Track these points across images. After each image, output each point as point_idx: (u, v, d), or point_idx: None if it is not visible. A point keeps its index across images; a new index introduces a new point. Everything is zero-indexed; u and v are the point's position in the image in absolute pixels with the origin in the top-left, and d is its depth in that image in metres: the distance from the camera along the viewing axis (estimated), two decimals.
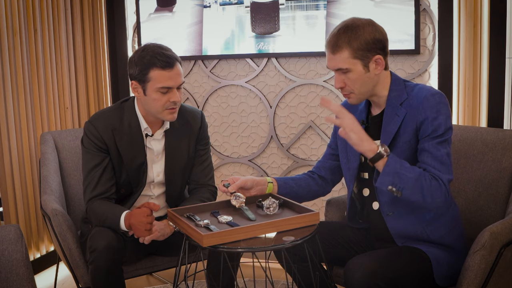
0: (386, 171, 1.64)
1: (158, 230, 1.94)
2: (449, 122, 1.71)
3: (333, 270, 2.03)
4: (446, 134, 1.70)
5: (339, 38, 1.70)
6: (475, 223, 2.05)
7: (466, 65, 2.62)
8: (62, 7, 3.06)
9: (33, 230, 2.93)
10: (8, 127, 2.75)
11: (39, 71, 2.92)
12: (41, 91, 2.93)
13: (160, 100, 1.95)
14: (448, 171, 1.68)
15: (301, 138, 3.06)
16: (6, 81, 2.72)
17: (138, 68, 1.94)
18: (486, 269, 1.66)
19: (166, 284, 2.82)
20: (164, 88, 1.93)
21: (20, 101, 2.81)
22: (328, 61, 1.76)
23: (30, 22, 2.85)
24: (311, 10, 2.90)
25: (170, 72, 1.93)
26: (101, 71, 3.36)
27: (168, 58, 1.93)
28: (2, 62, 2.70)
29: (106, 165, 2.03)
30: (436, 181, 1.66)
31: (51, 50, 3.00)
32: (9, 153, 2.77)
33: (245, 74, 3.13)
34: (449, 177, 1.68)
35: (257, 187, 1.91)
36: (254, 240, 1.62)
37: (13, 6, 2.73)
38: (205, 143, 2.20)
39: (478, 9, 2.55)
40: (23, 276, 1.67)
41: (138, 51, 1.98)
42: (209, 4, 3.10)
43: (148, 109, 2.01)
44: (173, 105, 1.97)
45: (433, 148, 1.68)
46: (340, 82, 1.75)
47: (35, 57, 2.89)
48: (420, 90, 1.75)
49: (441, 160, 1.68)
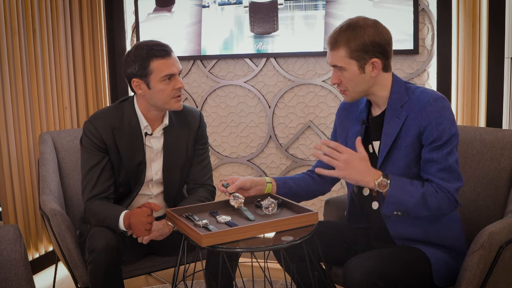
0: (390, 201, 1.68)
1: (157, 230, 1.95)
2: (454, 127, 1.70)
3: (332, 270, 2.03)
4: (452, 141, 1.69)
5: (339, 36, 1.72)
6: (474, 223, 2.05)
7: (465, 65, 2.62)
8: (61, 8, 3.06)
9: (32, 230, 2.92)
10: (7, 127, 2.75)
11: (38, 71, 2.91)
12: (40, 91, 2.93)
13: (166, 89, 1.98)
14: (457, 178, 1.70)
15: (300, 138, 3.06)
16: (5, 81, 2.72)
17: (137, 64, 1.96)
18: (485, 269, 1.66)
19: (165, 284, 2.82)
20: (167, 75, 1.97)
21: (19, 101, 2.80)
22: (327, 56, 1.79)
23: (29, 23, 2.85)
24: (309, 10, 2.90)
25: (169, 59, 1.98)
26: (99, 71, 3.36)
27: (164, 47, 1.99)
28: (1, 63, 2.70)
29: (104, 165, 2.03)
30: (443, 193, 1.68)
31: (50, 50, 3.00)
32: (7, 153, 2.77)
33: (244, 74, 3.13)
34: (458, 185, 1.70)
35: (256, 187, 1.91)
36: (253, 240, 1.62)
37: (12, 7, 2.73)
38: (204, 142, 2.21)
39: (477, 9, 2.55)
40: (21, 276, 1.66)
41: (131, 50, 2.01)
42: (208, 4, 3.10)
43: (154, 102, 2.02)
44: (179, 92, 2.02)
45: (442, 159, 1.68)
46: (335, 79, 1.78)
47: (34, 57, 2.89)
48: (422, 93, 1.74)
49: (450, 169, 1.69)
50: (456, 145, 1.72)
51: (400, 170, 1.74)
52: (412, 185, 1.69)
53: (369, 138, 1.85)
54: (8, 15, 2.71)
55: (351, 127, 1.90)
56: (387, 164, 1.76)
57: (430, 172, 1.70)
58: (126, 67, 2.00)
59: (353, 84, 1.75)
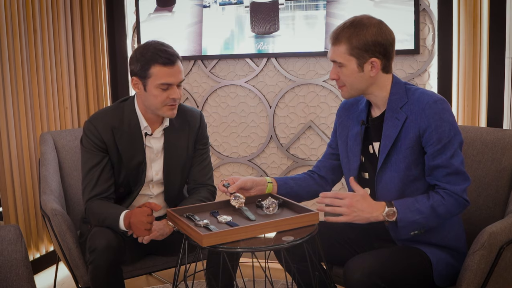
0: (403, 226, 1.70)
1: (157, 230, 1.94)
2: (454, 129, 1.70)
3: (333, 270, 2.03)
4: (453, 143, 1.69)
5: (342, 31, 1.73)
6: (475, 223, 2.05)
7: (465, 65, 2.62)
8: (62, 8, 3.06)
9: (32, 230, 2.93)
10: (8, 127, 2.75)
11: (38, 71, 2.92)
12: (40, 91, 2.93)
13: (160, 96, 1.96)
14: (464, 179, 1.71)
15: (301, 138, 3.06)
16: (6, 81, 2.72)
17: (139, 64, 1.96)
18: (486, 269, 1.66)
19: (165, 284, 2.82)
20: (165, 84, 1.95)
21: (20, 101, 2.81)
22: (328, 51, 1.80)
23: (29, 23, 2.85)
24: (310, 10, 2.90)
25: (171, 69, 1.95)
26: (100, 71, 3.36)
27: (170, 55, 1.95)
28: (2, 63, 2.70)
29: (105, 165, 2.03)
30: (450, 197, 1.69)
31: (51, 50, 3.00)
32: (8, 153, 2.77)
33: (244, 74, 3.13)
34: (466, 185, 1.71)
35: (257, 187, 1.91)
36: (254, 240, 1.62)
37: (12, 7, 2.73)
38: (204, 142, 2.21)
39: (477, 9, 2.55)
40: (22, 276, 1.66)
41: (139, 47, 1.99)
42: (209, 4, 3.10)
43: (147, 105, 2.02)
44: (173, 102, 1.99)
45: (446, 163, 1.68)
46: (334, 74, 1.79)
47: (34, 57, 2.89)
48: (422, 95, 1.73)
49: (457, 171, 1.70)
50: (459, 146, 1.71)
51: (401, 172, 1.74)
52: (418, 202, 1.70)
53: (369, 139, 1.84)
54: (9, 15, 2.71)
55: (351, 128, 1.90)
56: (387, 166, 1.76)
57: (437, 177, 1.71)
58: (130, 62, 2.01)
59: (351, 81, 1.76)
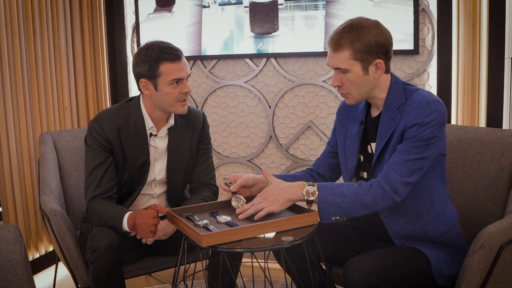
0: (323, 207, 1.67)
1: (160, 230, 1.95)
2: (439, 131, 1.66)
3: (332, 270, 2.03)
4: (423, 151, 1.65)
5: (342, 37, 1.68)
6: (474, 223, 2.05)
7: (465, 65, 2.62)
8: (61, 8, 3.06)
9: (32, 230, 2.93)
10: (7, 127, 2.75)
11: (38, 71, 2.92)
12: (40, 91, 2.93)
13: (173, 93, 1.98)
14: (409, 173, 1.65)
15: (300, 138, 3.06)
16: (5, 82, 2.72)
17: (146, 65, 1.96)
18: (485, 269, 1.66)
19: (165, 284, 2.82)
20: (176, 80, 1.97)
21: (19, 102, 2.81)
22: (328, 58, 1.74)
23: (29, 23, 2.85)
24: (310, 10, 2.90)
25: (179, 64, 1.98)
26: (100, 71, 3.36)
27: (175, 50, 1.98)
28: (2, 63, 2.70)
29: (109, 165, 2.03)
30: (380, 189, 1.66)
31: (50, 50, 3.00)
32: (8, 153, 2.77)
33: (244, 74, 3.13)
34: (405, 180, 1.65)
35: (258, 184, 1.92)
36: (253, 240, 1.62)
37: (12, 7, 2.73)
38: (207, 143, 2.22)
39: (477, 9, 2.55)
40: (22, 277, 1.66)
41: (142, 49, 1.99)
42: (208, 4, 3.10)
43: (160, 104, 2.02)
44: (185, 96, 2.02)
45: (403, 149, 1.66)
46: (337, 81, 1.75)
47: (34, 57, 2.89)
48: (418, 96, 1.71)
49: (404, 163, 1.65)
50: (435, 146, 1.67)
51: None
52: (342, 186, 1.70)
53: (368, 139, 1.85)
54: (8, 15, 2.71)
55: (350, 127, 1.90)
56: (379, 165, 1.76)
57: (388, 162, 1.68)
58: (135, 66, 2.00)
59: (356, 86, 1.72)
